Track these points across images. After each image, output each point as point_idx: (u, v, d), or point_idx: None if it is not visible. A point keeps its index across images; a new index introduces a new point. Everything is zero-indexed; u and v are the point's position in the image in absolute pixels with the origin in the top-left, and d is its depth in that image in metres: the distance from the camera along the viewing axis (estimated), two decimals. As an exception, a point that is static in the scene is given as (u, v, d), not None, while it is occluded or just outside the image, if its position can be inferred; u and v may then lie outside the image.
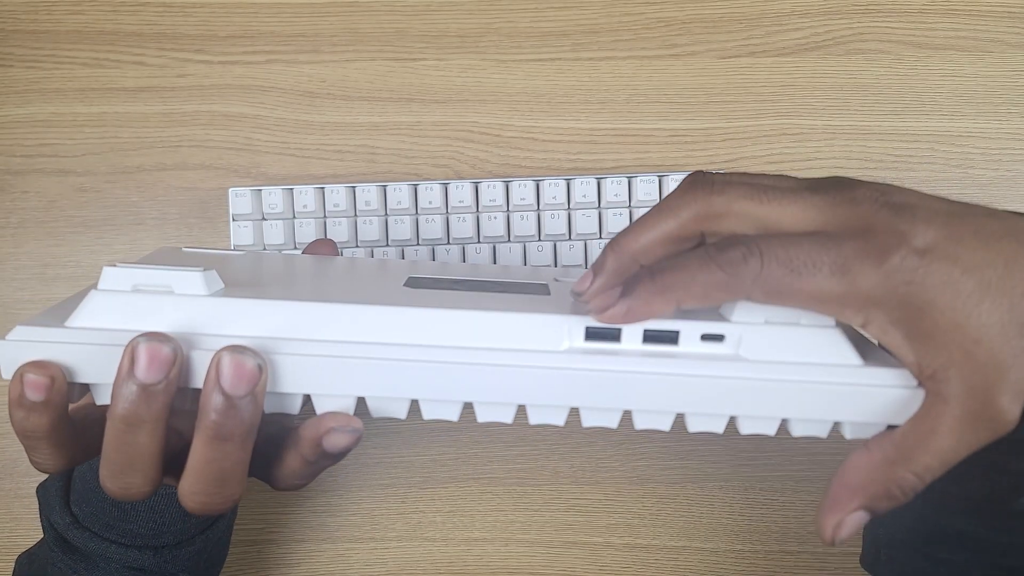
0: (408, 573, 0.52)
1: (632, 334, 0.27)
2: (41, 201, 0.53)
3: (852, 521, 0.26)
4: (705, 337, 0.27)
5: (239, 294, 0.27)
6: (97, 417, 0.28)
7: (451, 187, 0.50)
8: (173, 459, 0.28)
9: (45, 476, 0.39)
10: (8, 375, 0.25)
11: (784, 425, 0.27)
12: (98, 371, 0.26)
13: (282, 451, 0.29)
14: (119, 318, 0.26)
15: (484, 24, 0.54)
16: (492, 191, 0.50)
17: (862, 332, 0.26)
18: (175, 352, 0.25)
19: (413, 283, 0.31)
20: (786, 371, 0.26)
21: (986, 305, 0.23)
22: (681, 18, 0.54)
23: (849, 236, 0.24)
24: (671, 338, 0.27)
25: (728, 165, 0.53)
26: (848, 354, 0.27)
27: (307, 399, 0.28)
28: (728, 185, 0.26)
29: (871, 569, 0.38)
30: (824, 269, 0.24)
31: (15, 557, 0.41)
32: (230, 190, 0.50)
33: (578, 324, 0.27)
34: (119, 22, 0.54)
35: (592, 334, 0.27)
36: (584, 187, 0.50)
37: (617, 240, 0.28)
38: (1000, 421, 0.24)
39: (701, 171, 0.27)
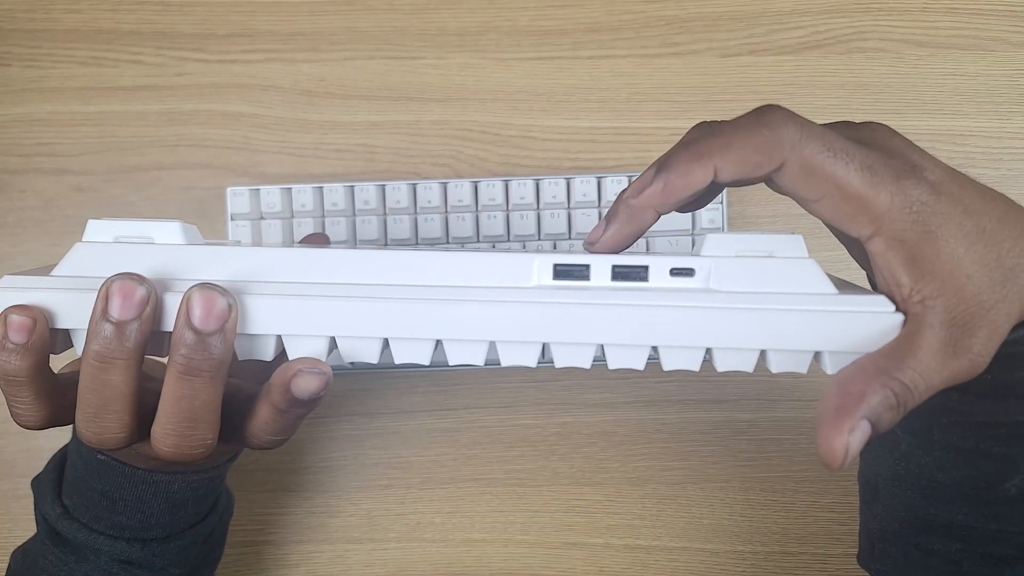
0: (407, 574, 0.52)
1: (600, 271, 0.27)
2: (39, 200, 0.53)
3: (861, 432, 0.25)
4: (675, 271, 0.27)
5: (216, 243, 0.28)
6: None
7: (450, 186, 0.50)
8: (149, 421, 0.28)
9: (40, 470, 0.38)
10: None
11: (762, 360, 0.27)
12: (79, 316, 0.27)
13: (256, 406, 0.29)
14: (101, 266, 0.27)
15: (484, 22, 0.53)
16: (492, 190, 0.50)
17: (866, 246, 0.26)
18: (149, 291, 0.26)
19: (392, 245, 0.31)
20: (760, 300, 0.26)
21: (979, 248, 0.25)
22: (682, 16, 0.54)
23: (874, 149, 0.26)
24: (640, 274, 0.27)
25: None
26: (823, 283, 0.27)
27: (281, 348, 0.28)
28: (767, 107, 0.27)
29: (867, 566, 0.38)
30: (855, 163, 0.25)
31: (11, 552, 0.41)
32: (228, 189, 0.50)
33: (546, 262, 0.27)
34: (117, 21, 0.54)
35: (560, 272, 0.27)
36: (584, 186, 0.50)
37: (629, 191, 0.29)
38: (976, 355, 0.25)
39: (706, 121, 0.28)
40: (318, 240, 0.45)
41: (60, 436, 0.49)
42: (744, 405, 0.52)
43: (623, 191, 0.29)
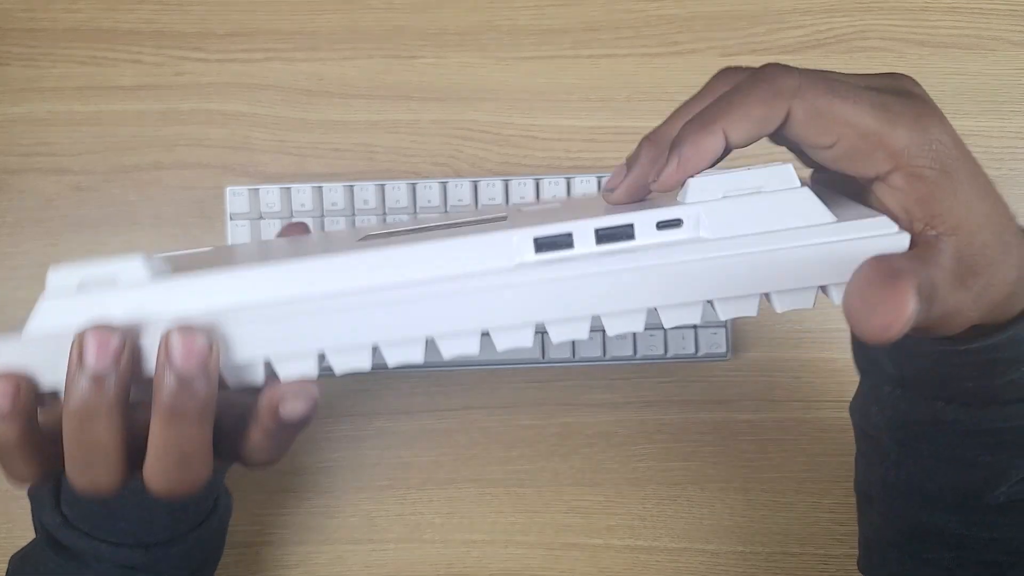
0: (406, 575, 0.52)
1: (584, 237, 0.26)
2: (38, 200, 0.53)
3: (917, 305, 0.22)
4: (661, 225, 0.25)
5: (183, 274, 0.27)
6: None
7: (450, 185, 0.50)
8: (142, 451, 0.28)
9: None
10: None
11: (766, 301, 0.26)
12: (58, 375, 0.26)
13: (246, 429, 0.29)
14: (71, 318, 0.26)
15: (483, 21, 0.53)
16: (491, 189, 0.50)
17: (882, 182, 0.25)
18: (122, 339, 0.25)
19: (367, 239, 0.30)
20: (755, 243, 0.25)
21: (990, 206, 0.25)
22: (682, 15, 0.53)
23: (890, 91, 0.25)
24: (626, 233, 0.26)
25: (729, 164, 0.53)
26: (821, 212, 0.25)
27: (271, 370, 0.27)
28: (765, 65, 0.27)
29: (867, 573, 0.38)
30: (865, 102, 0.25)
31: (8, 557, 0.41)
32: (227, 189, 0.50)
33: (526, 237, 0.26)
34: (116, 20, 0.54)
35: (542, 244, 0.26)
36: (584, 185, 0.50)
37: (652, 133, 0.28)
38: (967, 303, 0.25)
39: (732, 65, 0.28)
40: (296, 230, 0.44)
41: (58, 436, 0.48)
42: (745, 405, 0.52)
43: (646, 137, 0.28)
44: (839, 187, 0.30)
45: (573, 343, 0.50)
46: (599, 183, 0.50)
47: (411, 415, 0.52)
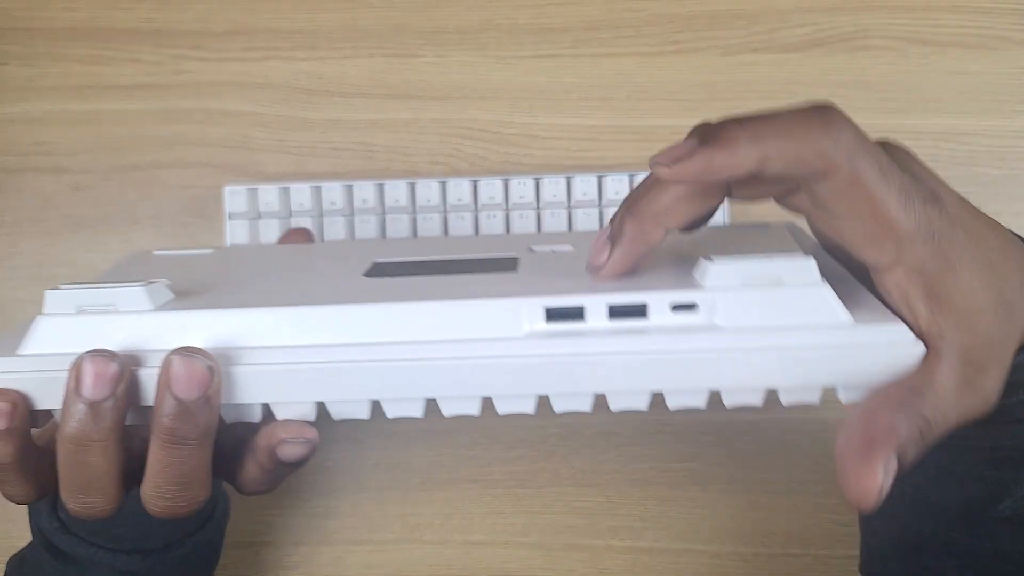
0: (406, 576, 0.52)
1: (596, 310, 0.25)
2: (36, 200, 0.53)
3: (892, 470, 0.23)
4: (676, 307, 0.25)
5: (187, 306, 0.26)
6: None
7: (449, 185, 0.50)
8: (140, 472, 0.27)
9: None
10: None
11: (773, 393, 0.26)
12: (53, 397, 0.25)
13: (243, 457, 0.29)
14: (67, 342, 0.25)
15: (483, 20, 0.53)
16: (491, 189, 0.49)
17: (884, 276, 0.25)
18: (121, 368, 0.24)
19: (375, 271, 0.30)
20: (770, 337, 0.24)
21: (989, 281, 0.24)
22: (683, 14, 0.53)
23: (905, 172, 0.25)
24: (639, 311, 0.25)
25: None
26: (838, 312, 0.25)
27: (267, 406, 0.27)
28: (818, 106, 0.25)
29: None
30: (895, 185, 0.24)
31: (7, 559, 0.40)
32: (226, 188, 0.50)
33: (537, 306, 0.25)
34: (114, 19, 0.53)
35: (553, 315, 0.25)
36: (585, 185, 0.49)
37: (633, 204, 0.26)
38: (988, 393, 0.25)
39: (707, 122, 0.26)
40: (299, 237, 0.44)
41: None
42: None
43: (625, 202, 0.27)
44: (845, 261, 0.29)
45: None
46: (599, 182, 0.50)
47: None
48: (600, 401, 0.26)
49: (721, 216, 0.49)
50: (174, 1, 0.53)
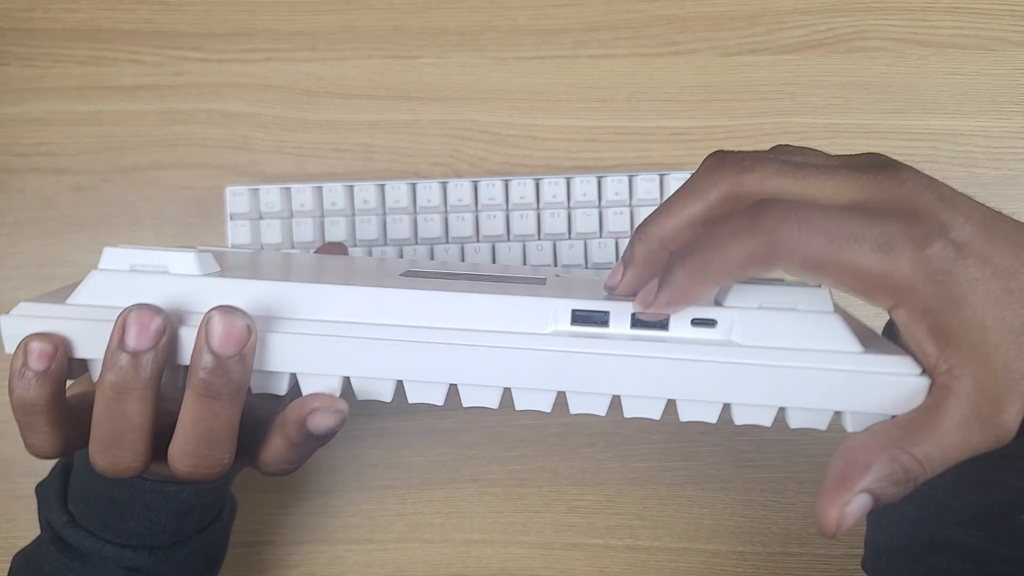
0: (406, 575, 0.52)
1: (620, 318, 0.26)
2: (37, 200, 0.53)
3: (857, 506, 0.24)
4: (696, 322, 0.26)
5: (231, 275, 0.28)
6: (91, 404, 0.28)
7: (450, 185, 0.50)
8: (164, 441, 0.28)
9: (44, 475, 0.38)
10: (11, 349, 0.26)
11: (781, 415, 0.26)
12: (96, 346, 0.27)
13: (269, 434, 0.29)
14: (117, 296, 0.27)
15: (483, 21, 0.53)
16: (491, 190, 0.50)
17: (889, 315, 0.25)
18: (165, 322, 0.26)
19: (409, 274, 0.31)
20: (781, 357, 0.25)
21: (1008, 313, 0.23)
22: (682, 15, 0.53)
23: (893, 215, 0.24)
24: (661, 323, 0.26)
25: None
26: (848, 340, 0.26)
27: (294, 381, 0.28)
28: (757, 162, 0.25)
29: (872, 574, 0.38)
30: (866, 244, 0.23)
31: (8, 558, 0.41)
32: (227, 189, 0.50)
33: (564, 307, 0.27)
34: (116, 20, 0.53)
35: (579, 318, 0.27)
36: (584, 185, 0.50)
37: (643, 228, 0.27)
38: (1003, 429, 0.24)
39: (723, 150, 0.26)
40: (335, 249, 0.44)
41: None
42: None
43: (639, 226, 0.28)
44: None
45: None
46: (599, 183, 0.50)
47: (412, 415, 0.53)
48: (614, 405, 0.27)
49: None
50: (175, 3, 0.53)
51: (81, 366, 0.28)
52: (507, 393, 0.27)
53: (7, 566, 0.40)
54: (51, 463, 0.38)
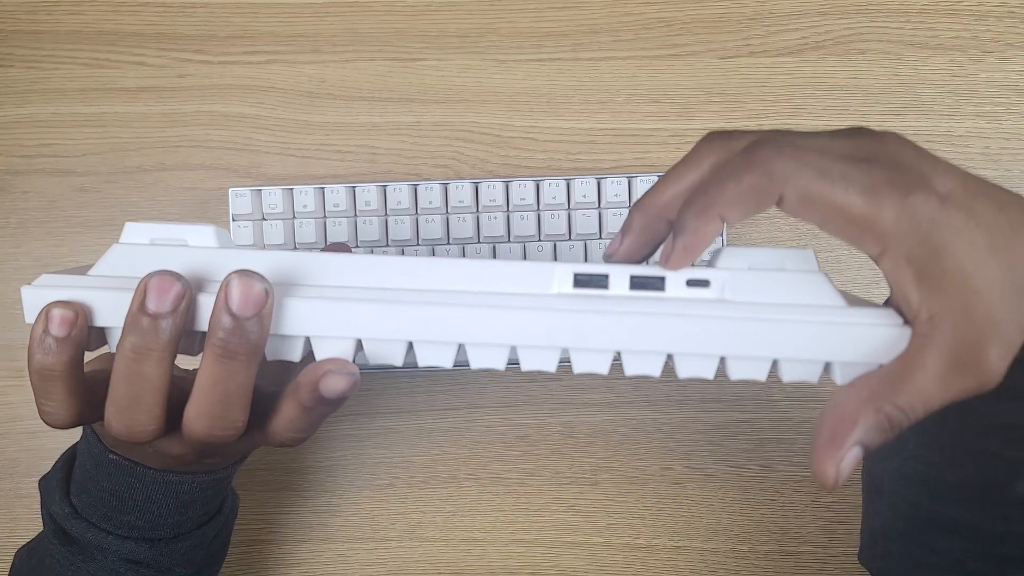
0: (408, 573, 0.52)
1: (619, 281, 0.28)
2: (41, 201, 0.53)
3: (851, 458, 0.25)
4: (691, 283, 0.28)
5: (249, 247, 0.29)
6: (106, 379, 0.29)
7: (451, 187, 0.50)
8: (175, 414, 0.29)
9: (47, 470, 0.39)
10: (31, 319, 0.27)
11: (775, 369, 0.28)
12: (116, 314, 0.27)
13: (280, 402, 0.30)
14: (137, 267, 0.28)
15: (484, 24, 0.54)
16: (492, 191, 0.50)
17: (877, 264, 0.26)
18: (185, 287, 0.27)
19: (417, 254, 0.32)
20: (772, 311, 0.27)
21: (991, 261, 0.24)
22: (681, 18, 0.54)
23: (879, 165, 0.25)
24: (657, 284, 0.28)
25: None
26: (833, 296, 0.27)
27: (308, 350, 0.29)
28: (748, 132, 0.28)
29: (869, 564, 0.38)
30: (855, 186, 0.25)
31: (10, 557, 0.41)
32: (230, 190, 0.50)
33: (567, 271, 0.28)
34: (119, 22, 0.54)
35: (580, 281, 0.28)
36: (584, 187, 0.50)
37: (641, 199, 0.29)
38: (986, 374, 0.25)
39: (717, 130, 0.29)
40: (340, 249, 0.45)
41: (63, 436, 0.49)
42: (743, 405, 0.53)
43: (636, 203, 0.29)
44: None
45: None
46: (599, 185, 0.50)
47: (413, 414, 0.53)
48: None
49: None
50: (178, 5, 0.54)
51: (100, 337, 0.29)
52: (513, 363, 0.29)
53: (9, 565, 0.41)
54: (52, 460, 0.39)
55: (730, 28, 0.54)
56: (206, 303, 0.27)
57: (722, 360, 0.28)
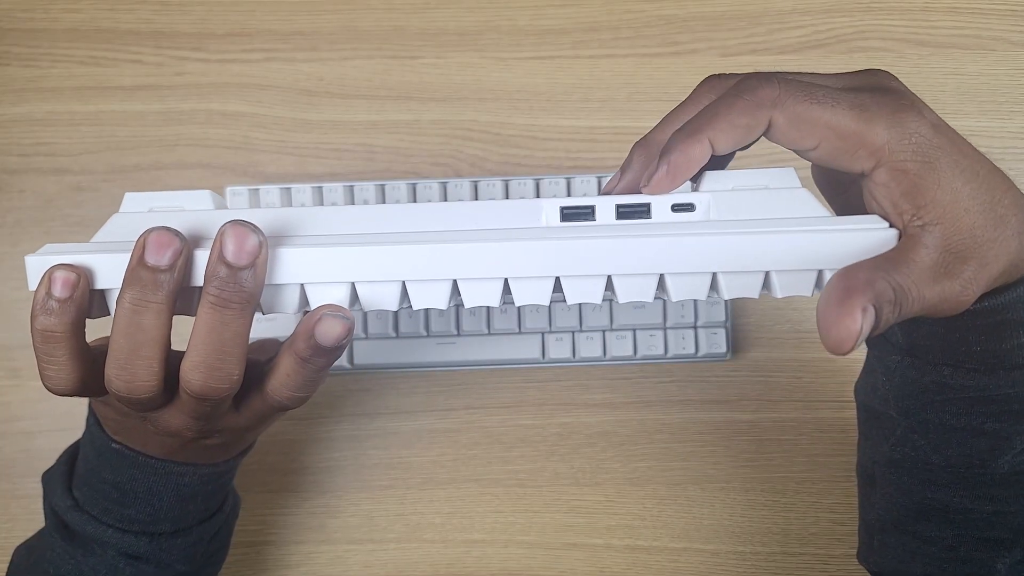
0: (407, 575, 0.52)
1: (605, 211, 0.28)
2: (38, 200, 0.53)
3: (868, 320, 0.24)
4: (676, 207, 0.28)
5: (243, 208, 0.30)
6: (107, 350, 0.29)
7: (450, 186, 0.50)
8: (174, 379, 0.29)
9: (50, 464, 0.39)
10: (35, 286, 0.28)
11: (767, 284, 0.28)
12: (117, 275, 0.28)
13: (277, 360, 0.30)
14: (137, 233, 0.28)
15: (483, 21, 0.53)
16: (491, 190, 0.50)
17: (868, 180, 0.27)
18: (183, 243, 0.27)
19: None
20: (761, 225, 0.27)
21: (975, 187, 0.26)
22: (682, 16, 0.53)
23: (867, 90, 0.27)
24: (643, 212, 0.28)
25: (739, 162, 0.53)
26: (818, 208, 0.28)
27: (304, 304, 0.29)
28: (744, 73, 0.28)
29: (866, 562, 0.38)
30: (843, 104, 0.26)
31: (9, 557, 0.41)
32: (227, 189, 0.50)
33: (553, 206, 0.29)
34: (116, 20, 0.54)
35: (568, 215, 0.29)
36: (584, 185, 0.50)
37: (642, 138, 0.30)
38: (964, 285, 0.26)
39: (716, 73, 0.30)
40: None
41: (62, 436, 0.49)
42: (745, 405, 0.52)
43: (635, 144, 0.30)
44: (836, 185, 0.33)
45: (573, 343, 0.50)
46: (599, 183, 0.50)
47: (412, 415, 0.53)
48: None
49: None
50: (175, 3, 0.53)
51: (102, 306, 0.29)
52: (507, 292, 0.29)
53: (7, 566, 0.40)
54: (49, 460, 0.39)
55: (731, 26, 0.53)
56: (203, 258, 0.28)
57: (714, 277, 0.28)
